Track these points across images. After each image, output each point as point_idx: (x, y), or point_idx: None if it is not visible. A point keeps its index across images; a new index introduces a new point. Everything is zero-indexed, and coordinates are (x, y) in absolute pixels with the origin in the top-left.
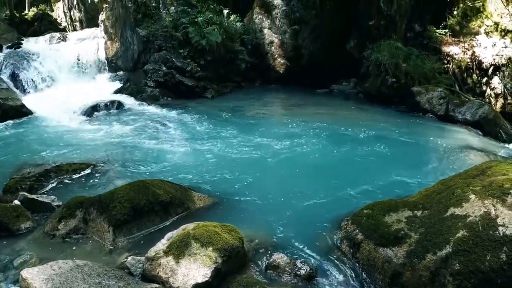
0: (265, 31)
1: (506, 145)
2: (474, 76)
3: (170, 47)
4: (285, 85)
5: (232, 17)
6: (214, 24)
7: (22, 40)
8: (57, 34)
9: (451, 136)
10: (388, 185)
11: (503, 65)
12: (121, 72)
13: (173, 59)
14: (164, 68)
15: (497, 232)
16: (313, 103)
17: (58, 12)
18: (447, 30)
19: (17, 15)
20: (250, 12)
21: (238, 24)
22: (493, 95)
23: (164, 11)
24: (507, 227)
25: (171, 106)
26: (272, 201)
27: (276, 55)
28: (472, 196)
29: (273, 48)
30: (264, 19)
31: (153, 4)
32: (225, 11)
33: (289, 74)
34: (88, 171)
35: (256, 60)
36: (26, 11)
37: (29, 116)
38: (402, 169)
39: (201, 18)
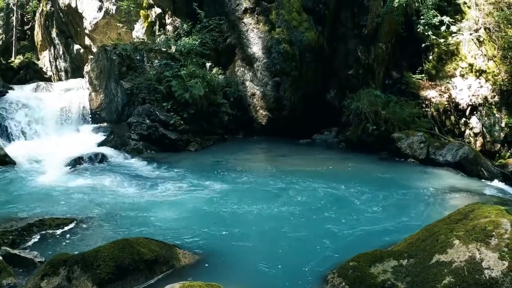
0: (247, 83)
1: (489, 182)
2: (453, 117)
3: (153, 100)
4: (268, 137)
5: (214, 70)
6: (197, 77)
7: (10, 88)
8: (43, 84)
9: (434, 179)
10: (374, 234)
11: (479, 104)
12: (105, 124)
13: (157, 112)
14: (147, 121)
15: (483, 276)
16: (296, 154)
17: (44, 61)
18: (423, 75)
19: (3, 62)
20: (232, 65)
21: (220, 76)
22: (472, 135)
23: (148, 64)
24: (492, 269)
25: (155, 159)
26: (257, 256)
27: (258, 107)
28: (456, 242)
29: (255, 100)
30: (245, 71)
31: (137, 57)
32: (208, 64)
33: (271, 125)
34: (71, 226)
35: (238, 112)
36: (12, 59)
37: (12, 166)
38: (387, 216)
39: (184, 72)
